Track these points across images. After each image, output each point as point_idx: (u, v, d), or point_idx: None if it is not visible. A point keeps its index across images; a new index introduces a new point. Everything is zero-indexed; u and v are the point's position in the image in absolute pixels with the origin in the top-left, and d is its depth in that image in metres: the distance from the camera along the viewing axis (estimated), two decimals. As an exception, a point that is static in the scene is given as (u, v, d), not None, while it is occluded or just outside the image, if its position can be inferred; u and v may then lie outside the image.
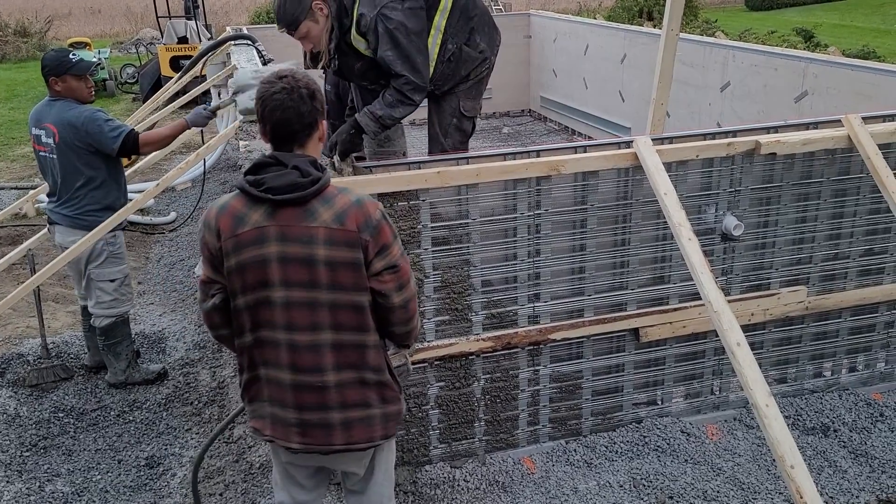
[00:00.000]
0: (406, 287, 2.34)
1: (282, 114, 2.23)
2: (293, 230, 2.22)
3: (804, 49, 12.29)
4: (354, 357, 2.32)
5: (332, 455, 2.41)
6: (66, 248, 4.20)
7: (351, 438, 2.36)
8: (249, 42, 7.22)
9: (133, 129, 4.24)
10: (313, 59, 4.04)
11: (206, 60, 7.35)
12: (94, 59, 4.32)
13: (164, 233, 7.22)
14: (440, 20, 3.88)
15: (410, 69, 3.73)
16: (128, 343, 4.51)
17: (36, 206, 7.31)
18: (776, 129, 3.66)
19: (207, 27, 13.37)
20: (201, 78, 7.33)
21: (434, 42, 3.89)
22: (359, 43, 3.79)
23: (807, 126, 3.74)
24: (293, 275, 2.23)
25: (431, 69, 3.94)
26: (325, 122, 2.37)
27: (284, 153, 2.28)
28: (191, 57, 8.79)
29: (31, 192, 6.96)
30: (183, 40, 12.75)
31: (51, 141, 4.16)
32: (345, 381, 2.32)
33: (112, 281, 4.35)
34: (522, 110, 10.75)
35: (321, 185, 2.25)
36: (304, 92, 2.25)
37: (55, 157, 4.18)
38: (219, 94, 8.42)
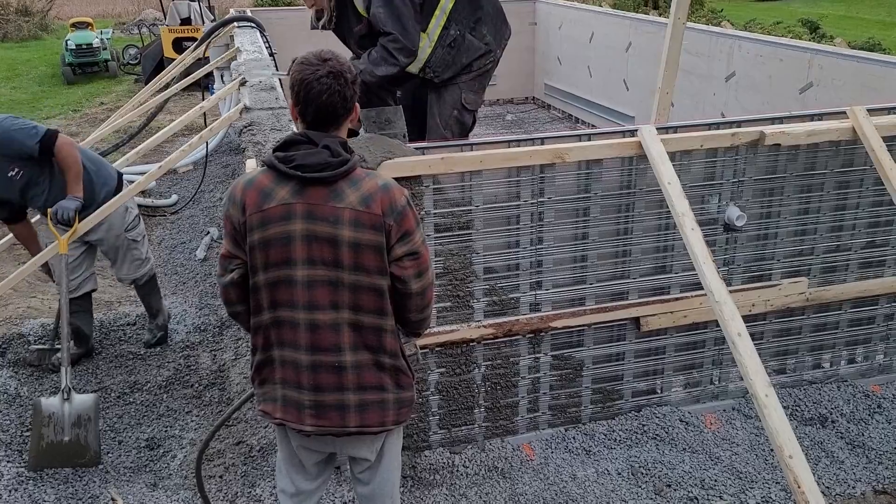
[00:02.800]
0: (425, 275, 2.35)
1: (328, 97, 2.22)
2: (320, 209, 2.22)
3: (810, 40, 12.24)
4: (372, 339, 2.32)
5: (345, 438, 2.42)
6: None
7: (365, 421, 2.36)
8: (253, 25, 7.21)
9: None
10: (318, 19, 4.04)
11: (210, 43, 7.33)
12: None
13: (165, 215, 7.22)
14: (446, 2, 3.87)
15: (400, 29, 3.70)
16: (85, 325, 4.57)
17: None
18: (781, 120, 3.66)
19: (211, 9, 13.32)
20: (204, 60, 7.31)
21: (437, 23, 3.88)
22: (357, 0, 3.79)
23: (811, 117, 3.73)
24: (317, 253, 2.23)
25: (430, 51, 3.93)
26: (358, 105, 2.36)
27: (317, 132, 2.27)
28: (194, 39, 8.78)
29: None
30: (186, 22, 12.70)
31: None
32: (361, 363, 2.32)
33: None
34: (526, 98, 10.72)
35: (350, 166, 2.25)
36: (348, 76, 2.25)
37: None
38: (221, 77, 8.40)
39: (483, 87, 4.19)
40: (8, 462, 3.69)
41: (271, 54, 6.02)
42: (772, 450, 3.44)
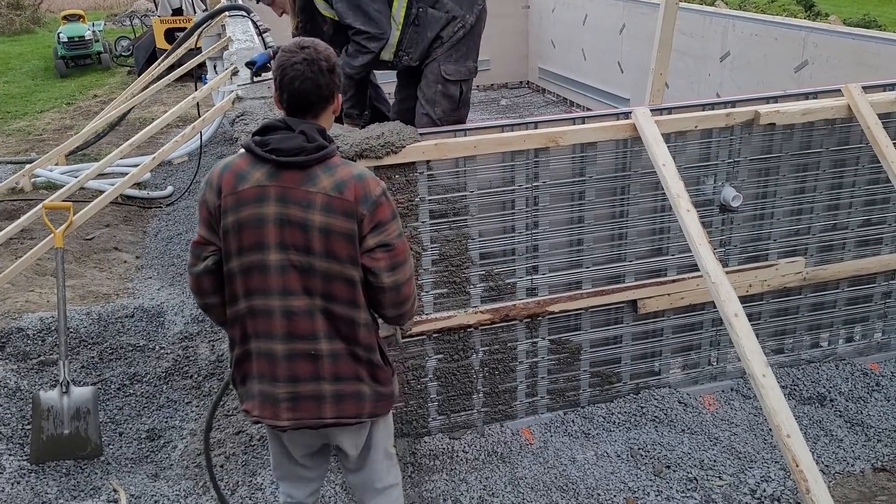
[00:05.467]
0: (399, 269, 2.31)
1: (301, 84, 2.24)
2: (293, 193, 2.22)
3: (804, 18, 12.19)
4: (346, 330, 2.31)
5: (323, 430, 2.40)
6: None
7: (342, 412, 2.34)
8: (244, 13, 7.16)
9: None
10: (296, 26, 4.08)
11: (201, 32, 7.29)
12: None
13: (161, 207, 7.21)
14: None
15: (363, 20, 3.77)
16: None
17: (32, 180, 7.29)
18: (775, 100, 3.64)
19: (202, -2, 13.24)
20: (196, 50, 7.28)
21: (400, 5, 3.94)
22: (319, 3, 3.82)
23: (806, 96, 3.71)
24: (289, 238, 2.23)
25: (399, 33, 3.96)
26: (340, 95, 2.37)
27: (295, 119, 2.28)
28: (185, 29, 8.71)
29: (28, 166, 6.94)
30: (178, 12, 12.62)
31: None
32: (337, 352, 2.30)
33: None
34: (521, 82, 10.67)
35: (325, 152, 2.24)
36: (324, 65, 2.25)
37: None
38: (214, 67, 8.36)
39: (464, 56, 4.13)
40: (10, 455, 3.70)
41: (260, 34, 5.97)
42: (770, 429, 3.45)
